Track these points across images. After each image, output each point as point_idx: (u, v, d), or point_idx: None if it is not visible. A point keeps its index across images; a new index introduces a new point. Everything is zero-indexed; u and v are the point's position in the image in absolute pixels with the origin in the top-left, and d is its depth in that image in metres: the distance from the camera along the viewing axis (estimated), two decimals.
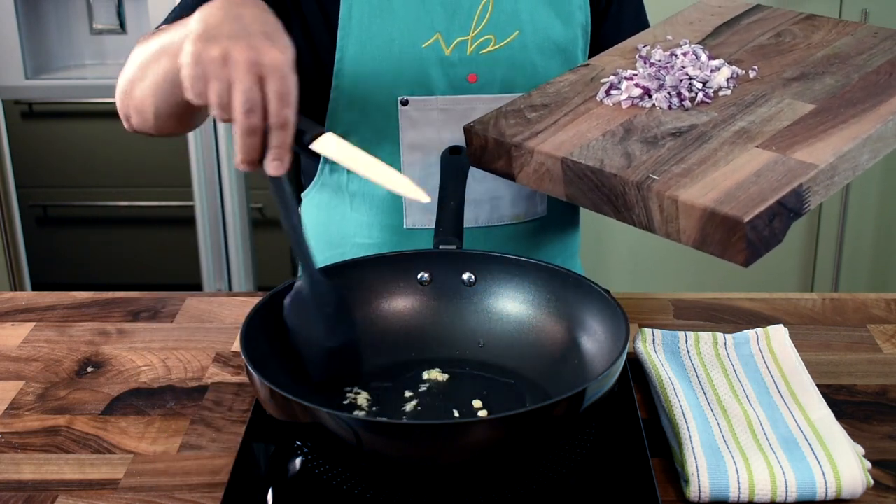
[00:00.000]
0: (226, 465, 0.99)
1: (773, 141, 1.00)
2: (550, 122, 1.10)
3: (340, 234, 1.36)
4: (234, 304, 1.31)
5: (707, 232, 0.93)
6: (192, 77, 0.91)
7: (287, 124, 0.91)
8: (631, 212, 0.99)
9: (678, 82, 1.11)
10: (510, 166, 1.09)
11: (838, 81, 1.10)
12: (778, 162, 0.97)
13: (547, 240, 1.38)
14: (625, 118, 1.08)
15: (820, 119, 1.03)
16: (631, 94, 1.11)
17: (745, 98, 1.09)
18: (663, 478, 0.97)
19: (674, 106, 1.09)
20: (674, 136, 1.04)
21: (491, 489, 0.91)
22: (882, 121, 1.01)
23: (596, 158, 1.02)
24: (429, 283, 1.13)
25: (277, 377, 0.90)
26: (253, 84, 0.89)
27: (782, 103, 1.07)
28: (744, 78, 1.14)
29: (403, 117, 1.26)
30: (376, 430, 0.86)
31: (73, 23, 2.73)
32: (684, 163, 0.99)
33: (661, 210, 0.96)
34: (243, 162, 0.92)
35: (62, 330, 1.25)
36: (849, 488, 0.92)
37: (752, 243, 0.90)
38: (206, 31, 0.91)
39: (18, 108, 2.72)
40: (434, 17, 1.25)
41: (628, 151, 1.02)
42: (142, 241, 2.87)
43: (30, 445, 1.03)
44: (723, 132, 1.03)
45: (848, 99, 1.06)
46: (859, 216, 2.70)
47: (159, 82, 1.05)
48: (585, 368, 1.03)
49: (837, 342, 1.20)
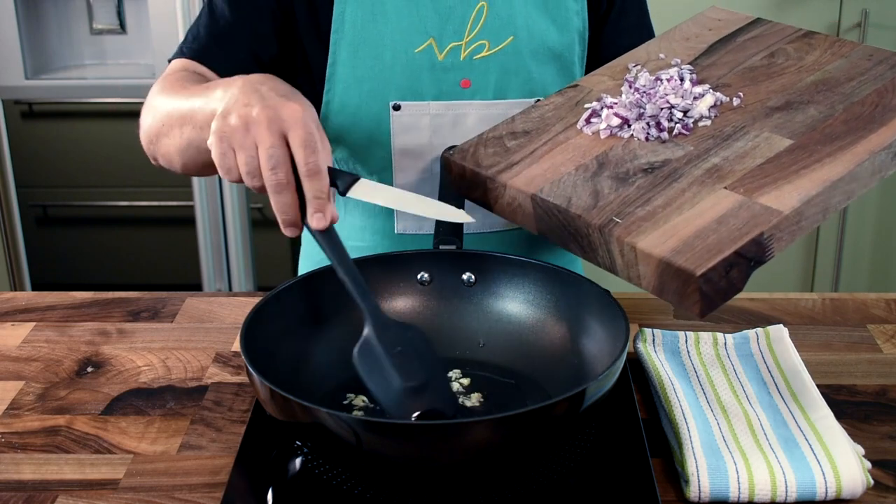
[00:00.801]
0: (226, 465, 0.99)
1: (742, 182, 0.98)
2: (528, 151, 1.09)
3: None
4: (234, 304, 1.31)
5: (664, 281, 0.91)
6: (220, 154, 0.94)
7: (317, 172, 0.91)
8: (595, 253, 0.98)
9: (658, 111, 1.09)
10: (487, 197, 1.08)
11: (821, 113, 1.06)
12: (742, 207, 0.94)
13: (546, 246, 1.38)
14: (601, 150, 1.07)
15: (794, 157, 1.00)
16: (610, 124, 1.09)
17: (724, 130, 1.07)
18: (663, 478, 0.97)
19: (651, 137, 1.07)
20: (645, 173, 1.02)
21: (491, 489, 0.91)
22: (857, 162, 0.97)
23: (564, 196, 1.01)
24: (429, 283, 1.13)
25: (277, 377, 0.90)
26: (276, 140, 0.91)
27: (759, 137, 1.04)
28: (727, 106, 1.11)
29: (395, 123, 1.26)
30: (376, 430, 0.86)
31: (73, 23, 2.73)
32: (650, 204, 0.97)
33: (621, 255, 0.94)
34: (284, 224, 0.94)
35: (62, 330, 1.25)
36: (849, 488, 0.92)
37: (707, 295, 0.88)
38: (227, 108, 0.94)
39: (18, 108, 2.72)
40: (427, 22, 1.24)
41: (597, 189, 1.01)
42: (142, 241, 2.87)
43: (30, 445, 1.03)
44: (694, 169, 1.01)
45: (827, 134, 1.03)
46: (859, 216, 2.70)
47: (184, 147, 1.08)
48: (585, 368, 1.03)
49: (837, 342, 1.20)
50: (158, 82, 1.19)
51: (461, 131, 1.26)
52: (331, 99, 1.25)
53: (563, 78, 1.28)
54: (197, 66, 1.23)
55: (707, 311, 0.89)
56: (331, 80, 1.24)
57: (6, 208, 2.73)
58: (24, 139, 2.75)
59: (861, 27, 2.53)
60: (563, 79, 1.28)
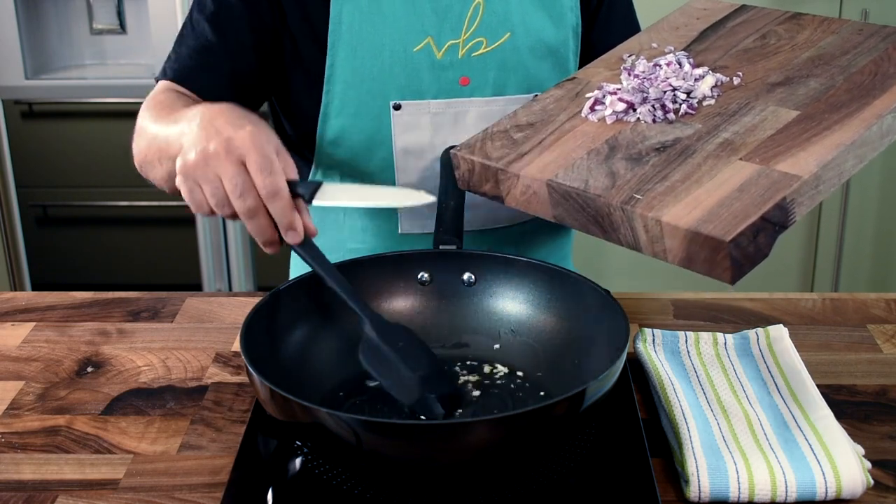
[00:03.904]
0: (226, 465, 0.99)
1: (756, 152, 0.99)
2: (536, 142, 1.09)
3: (335, 239, 1.36)
4: (234, 304, 1.31)
5: (692, 251, 0.92)
6: (188, 192, 0.97)
7: (277, 192, 0.94)
8: (617, 232, 0.98)
9: (662, 94, 1.10)
10: (498, 190, 1.08)
11: (822, 84, 1.08)
12: (761, 175, 0.96)
13: (540, 241, 1.39)
14: (609, 134, 1.07)
15: (804, 126, 1.02)
16: (615, 109, 1.09)
17: (729, 107, 1.08)
18: (663, 478, 0.97)
19: (658, 119, 1.08)
20: (658, 152, 1.02)
21: (491, 489, 0.91)
22: (866, 126, 1.00)
23: (580, 179, 1.01)
24: (429, 283, 1.13)
25: (277, 377, 0.90)
26: (235, 169, 0.94)
27: (766, 111, 1.06)
28: (728, 85, 1.12)
29: (396, 122, 1.26)
30: (376, 430, 0.86)
31: (73, 23, 2.73)
32: (668, 180, 0.98)
33: (646, 230, 0.95)
34: (264, 245, 0.97)
35: (62, 330, 1.25)
36: (849, 488, 0.92)
37: (737, 261, 0.89)
38: (187, 147, 0.97)
39: (18, 108, 2.72)
40: (425, 21, 1.24)
41: (613, 170, 1.01)
42: (142, 241, 2.87)
43: (30, 445, 1.03)
44: (706, 145, 1.02)
45: (832, 103, 1.05)
46: (859, 216, 2.70)
47: (166, 177, 1.12)
48: (585, 368, 1.03)
49: (837, 342, 1.20)
50: (145, 105, 1.21)
51: (462, 129, 1.26)
52: (330, 100, 1.25)
53: (559, 73, 1.29)
54: (179, 87, 1.25)
55: (738, 276, 0.90)
56: (329, 81, 1.24)
57: (6, 208, 2.73)
58: (24, 139, 2.74)
59: None
60: (559, 74, 1.29)
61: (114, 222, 2.86)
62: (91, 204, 2.83)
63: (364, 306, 1.00)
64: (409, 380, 0.97)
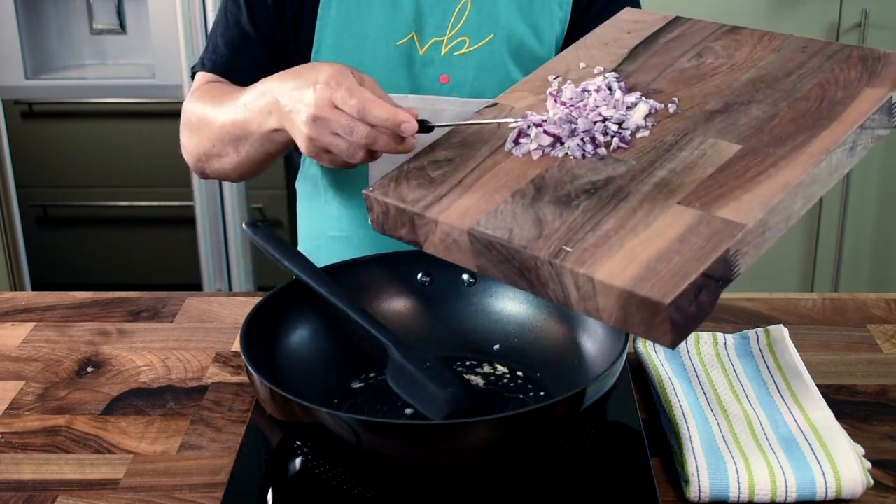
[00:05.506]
0: (226, 465, 0.99)
1: (696, 195, 0.89)
2: (455, 181, 0.98)
3: (318, 227, 1.37)
4: (234, 304, 1.31)
5: (628, 312, 0.83)
6: (316, 155, 1.04)
7: (363, 107, 0.98)
8: (546, 287, 0.88)
9: (591, 125, 0.99)
10: (415, 235, 0.97)
11: (765, 112, 0.98)
12: (702, 222, 0.86)
13: None
14: (535, 172, 0.97)
15: (746, 163, 0.91)
16: (541, 143, 0.99)
17: (665, 139, 0.97)
18: (663, 478, 0.97)
19: (588, 154, 0.97)
20: (589, 194, 0.92)
21: (491, 489, 0.91)
22: (814, 162, 0.90)
23: (504, 228, 0.90)
24: (429, 283, 1.13)
25: (277, 377, 0.90)
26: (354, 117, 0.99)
27: (705, 144, 0.95)
28: (663, 113, 1.01)
29: None
30: (376, 430, 0.86)
31: (73, 23, 2.73)
32: (600, 229, 0.88)
33: (577, 287, 0.86)
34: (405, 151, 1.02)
35: (62, 330, 1.26)
36: (849, 488, 0.92)
37: (678, 324, 0.81)
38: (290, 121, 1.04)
39: (18, 108, 2.72)
40: (411, 16, 1.25)
41: (539, 217, 0.91)
42: (142, 241, 2.87)
43: (30, 445, 1.03)
44: (641, 186, 0.92)
45: (776, 135, 0.94)
46: (859, 216, 2.70)
47: (242, 162, 1.19)
48: (585, 368, 1.03)
49: (837, 342, 1.20)
50: (191, 99, 1.23)
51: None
52: None
53: None
54: (219, 78, 1.28)
55: (679, 340, 0.82)
56: None
57: (6, 208, 2.73)
58: (24, 139, 2.75)
59: (861, 27, 2.53)
60: None
61: (114, 222, 2.86)
62: (91, 204, 2.83)
63: (392, 335, 1.01)
64: (439, 398, 0.96)
